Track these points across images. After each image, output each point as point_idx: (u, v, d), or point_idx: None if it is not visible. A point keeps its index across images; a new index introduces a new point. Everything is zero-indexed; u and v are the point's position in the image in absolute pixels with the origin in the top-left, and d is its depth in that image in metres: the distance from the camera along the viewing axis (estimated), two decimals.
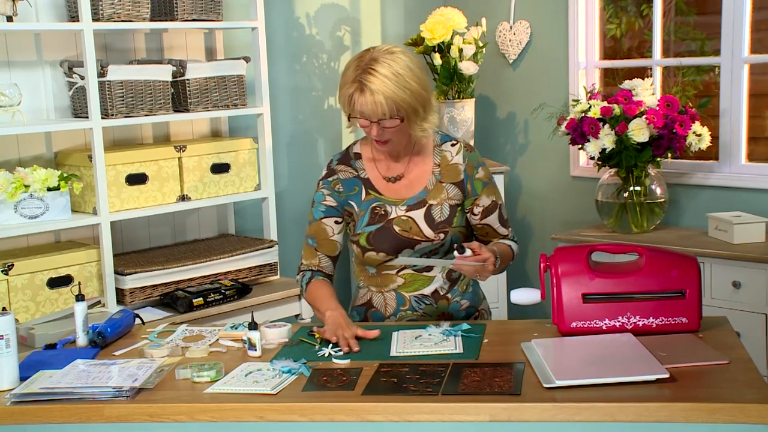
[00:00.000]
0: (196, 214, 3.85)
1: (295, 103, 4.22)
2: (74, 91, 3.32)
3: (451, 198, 2.52)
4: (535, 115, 4.32)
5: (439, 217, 2.50)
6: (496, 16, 4.56)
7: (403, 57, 2.40)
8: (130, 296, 3.29)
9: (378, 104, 2.34)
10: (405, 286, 2.54)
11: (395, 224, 2.50)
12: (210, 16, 3.54)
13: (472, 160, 2.55)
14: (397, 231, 2.49)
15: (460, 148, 2.56)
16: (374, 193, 2.55)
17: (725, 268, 3.55)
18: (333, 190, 2.56)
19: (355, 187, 2.56)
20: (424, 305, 2.54)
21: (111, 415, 1.96)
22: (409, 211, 2.51)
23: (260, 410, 1.93)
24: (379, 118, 2.37)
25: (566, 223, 4.40)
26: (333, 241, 2.57)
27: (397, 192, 2.54)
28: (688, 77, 4.28)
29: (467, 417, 1.87)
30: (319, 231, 2.57)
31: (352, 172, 2.57)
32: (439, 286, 2.54)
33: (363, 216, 2.53)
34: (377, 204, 2.53)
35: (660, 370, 1.94)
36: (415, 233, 2.48)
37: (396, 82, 2.35)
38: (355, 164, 2.58)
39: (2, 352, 2.07)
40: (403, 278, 2.53)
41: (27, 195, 3.12)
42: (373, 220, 2.52)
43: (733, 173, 3.94)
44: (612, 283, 2.25)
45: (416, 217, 2.50)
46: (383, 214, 2.52)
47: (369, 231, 2.51)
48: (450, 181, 2.54)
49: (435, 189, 2.53)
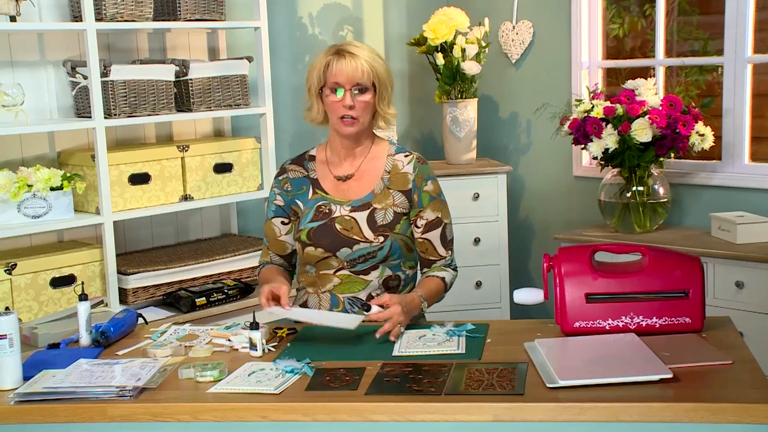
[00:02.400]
0: (199, 213, 3.85)
1: (297, 103, 4.21)
2: (77, 90, 3.32)
3: (396, 205, 2.55)
4: (538, 114, 4.32)
5: (381, 221, 2.53)
6: (498, 16, 4.56)
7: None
8: (133, 296, 3.29)
9: (358, 66, 2.47)
10: (340, 287, 2.55)
11: (337, 222, 2.53)
12: (213, 16, 3.55)
13: (423, 172, 2.59)
14: (338, 229, 2.53)
15: (412, 159, 2.60)
16: (321, 193, 2.60)
17: (728, 268, 3.55)
18: (282, 189, 2.64)
19: (303, 186, 2.62)
20: (356, 309, 2.54)
21: (114, 415, 1.96)
22: (353, 211, 2.55)
23: (263, 410, 1.93)
24: (357, 82, 2.47)
25: (569, 223, 4.40)
26: (281, 241, 2.65)
27: (344, 193, 2.59)
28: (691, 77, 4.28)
29: (470, 417, 1.87)
30: (269, 230, 2.67)
31: (302, 172, 2.64)
32: (374, 291, 2.55)
33: (307, 213, 2.58)
34: (322, 203, 2.58)
35: (663, 370, 1.94)
36: (356, 233, 2.51)
37: (372, 53, 2.55)
38: (307, 165, 2.65)
39: (5, 351, 2.07)
40: (340, 278, 2.55)
41: (30, 195, 3.12)
42: (316, 217, 2.56)
43: (736, 173, 3.94)
44: (615, 283, 2.25)
45: (359, 218, 2.53)
46: (327, 212, 2.56)
47: (311, 227, 2.55)
48: (398, 188, 2.57)
49: (382, 194, 2.56)
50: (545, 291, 2.33)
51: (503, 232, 4.20)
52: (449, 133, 4.27)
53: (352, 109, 2.49)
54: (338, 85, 2.49)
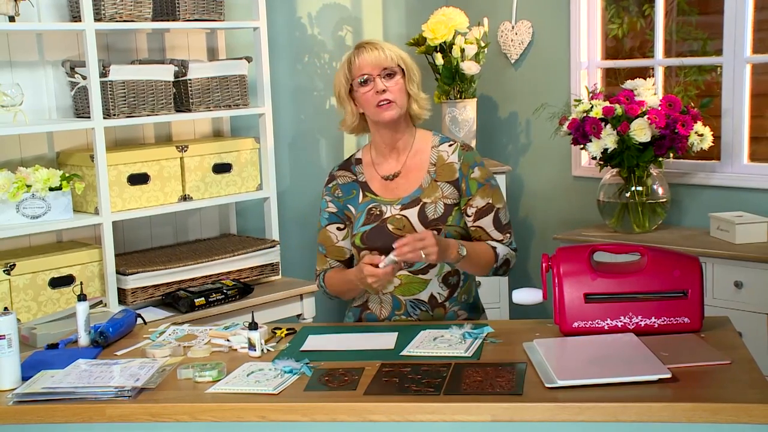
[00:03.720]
0: (198, 214, 3.85)
1: (296, 103, 4.22)
2: (76, 91, 3.32)
3: (446, 197, 2.52)
4: (537, 115, 4.32)
5: (432, 215, 2.50)
6: (498, 16, 4.56)
7: None
8: (132, 296, 3.29)
9: (380, 52, 2.49)
10: (401, 288, 2.52)
11: (389, 223, 2.51)
12: (212, 16, 3.54)
13: (468, 159, 2.55)
14: (391, 229, 2.50)
15: (456, 147, 2.57)
16: (371, 195, 2.57)
17: (727, 268, 3.55)
18: (333, 195, 2.61)
19: (353, 190, 2.59)
20: (419, 311, 2.53)
21: (113, 415, 1.96)
22: (403, 209, 2.51)
23: (262, 410, 1.93)
24: (384, 67, 2.48)
25: (568, 223, 4.40)
26: (339, 247, 2.61)
27: (393, 192, 2.56)
28: (690, 77, 4.28)
29: (469, 417, 1.87)
30: (325, 238, 2.62)
31: (351, 177, 2.61)
32: (435, 291, 2.52)
33: (360, 217, 2.55)
34: (373, 205, 2.55)
35: (662, 370, 1.94)
36: (408, 231, 2.47)
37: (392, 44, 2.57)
38: (355, 169, 2.62)
39: (4, 351, 2.07)
40: (399, 279, 2.51)
41: (29, 195, 3.12)
42: (368, 220, 2.53)
43: (735, 173, 3.94)
44: (614, 283, 2.25)
45: (410, 215, 2.50)
46: (378, 213, 2.53)
47: (364, 231, 2.52)
48: (445, 179, 2.54)
49: (430, 187, 2.53)
50: (544, 291, 2.33)
51: None
52: (448, 133, 4.27)
53: (386, 93, 2.48)
54: (366, 74, 2.48)
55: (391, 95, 2.48)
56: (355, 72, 2.50)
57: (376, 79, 2.48)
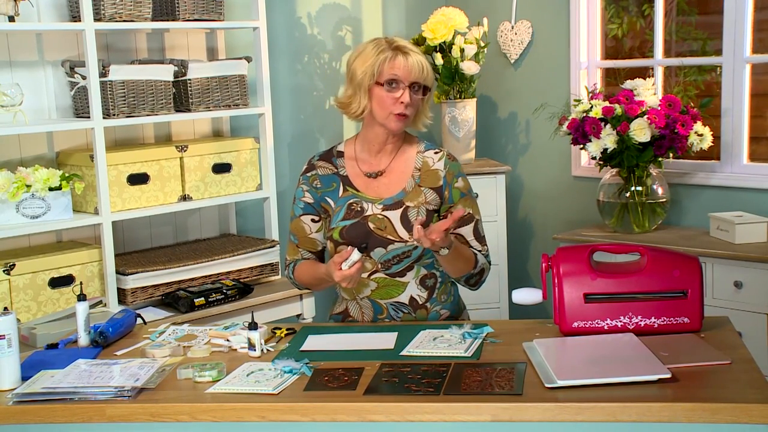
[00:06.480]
0: (198, 213, 3.85)
1: (296, 103, 4.22)
2: (76, 91, 3.32)
3: (428, 202, 2.52)
4: (537, 115, 4.32)
5: (414, 220, 2.47)
6: (497, 16, 4.56)
7: None
8: (132, 296, 3.29)
9: (419, 64, 2.48)
10: (379, 292, 2.51)
11: (370, 221, 2.49)
12: (211, 16, 3.55)
13: (453, 169, 2.56)
14: (372, 228, 2.48)
15: (442, 155, 2.57)
16: (352, 190, 2.56)
17: (727, 268, 3.55)
18: (311, 185, 2.59)
19: (333, 183, 2.57)
20: (402, 314, 2.52)
21: (113, 415, 1.96)
22: (385, 210, 2.50)
23: (262, 410, 1.93)
24: (416, 79, 2.47)
25: (568, 223, 4.40)
26: (312, 238, 2.60)
27: (375, 190, 2.54)
28: (690, 77, 4.28)
29: (469, 417, 1.87)
30: (298, 229, 2.60)
31: (331, 169, 2.59)
32: (414, 293, 2.52)
33: (339, 212, 2.54)
34: (354, 200, 2.53)
35: (662, 370, 1.94)
36: (390, 233, 2.47)
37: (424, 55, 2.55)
38: (336, 161, 2.60)
39: (4, 351, 2.07)
40: (376, 282, 2.50)
41: (29, 195, 3.12)
42: (348, 215, 2.52)
43: (734, 173, 3.94)
44: (614, 283, 2.25)
45: (392, 217, 2.49)
46: (359, 210, 2.52)
47: (343, 225, 2.51)
48: (429, 185, 2.54)
49: (413, 192, 2.53)
50: (544, 291, 2.33)
51: (502, 232, 4.21)
52: (448, 133, 4.28)
53: (408, 107, 2.47)
54: (396, 78, 2.45)
55: (410, 110, 2.48)
56: (386, 70, 2.46)
57: (406, 89, 2.46)
